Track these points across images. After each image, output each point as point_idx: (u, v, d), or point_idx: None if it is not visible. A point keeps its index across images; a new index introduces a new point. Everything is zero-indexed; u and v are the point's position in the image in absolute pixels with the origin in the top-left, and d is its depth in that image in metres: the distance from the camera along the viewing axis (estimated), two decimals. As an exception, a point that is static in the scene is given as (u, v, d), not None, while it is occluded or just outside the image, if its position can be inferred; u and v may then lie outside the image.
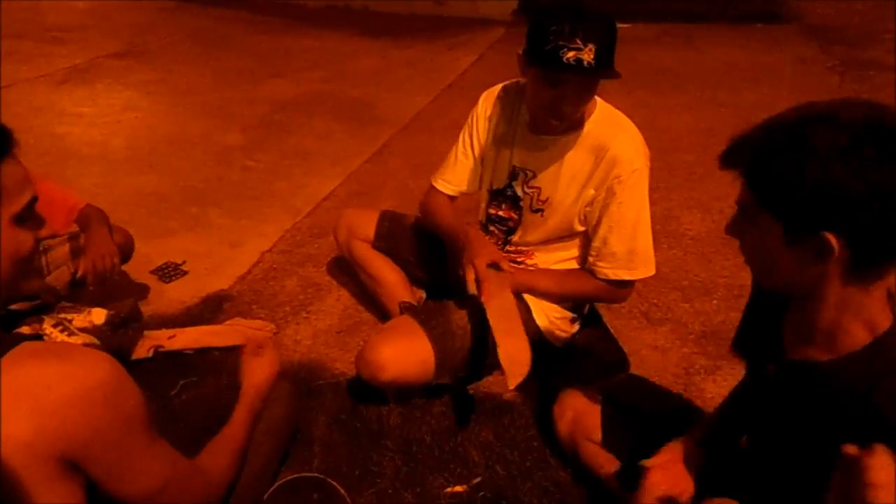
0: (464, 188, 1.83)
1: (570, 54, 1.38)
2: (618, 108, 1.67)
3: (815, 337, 0.95)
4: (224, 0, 6.93)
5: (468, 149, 1.78)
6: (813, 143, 0.82)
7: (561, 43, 1.38)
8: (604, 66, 1.41)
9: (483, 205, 1.85)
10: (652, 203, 2.56)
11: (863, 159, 0.79)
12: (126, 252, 2.03)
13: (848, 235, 0.83)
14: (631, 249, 1.62)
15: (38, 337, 0.91)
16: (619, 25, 1.49)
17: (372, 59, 5.22)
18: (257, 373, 1.35)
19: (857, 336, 0.90)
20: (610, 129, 1.60)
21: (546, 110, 1.53)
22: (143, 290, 2.29)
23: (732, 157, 0.91)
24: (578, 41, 1.37)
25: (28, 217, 0.86)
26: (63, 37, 5.61)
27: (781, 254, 0.90)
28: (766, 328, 1.09)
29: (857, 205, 0.80)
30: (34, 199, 0.87)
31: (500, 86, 1.76)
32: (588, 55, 1.38)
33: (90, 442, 0.81)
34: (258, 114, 4.02)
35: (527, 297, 1.74)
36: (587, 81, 1.47)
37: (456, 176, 1.81)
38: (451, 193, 1.84)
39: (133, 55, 5.25)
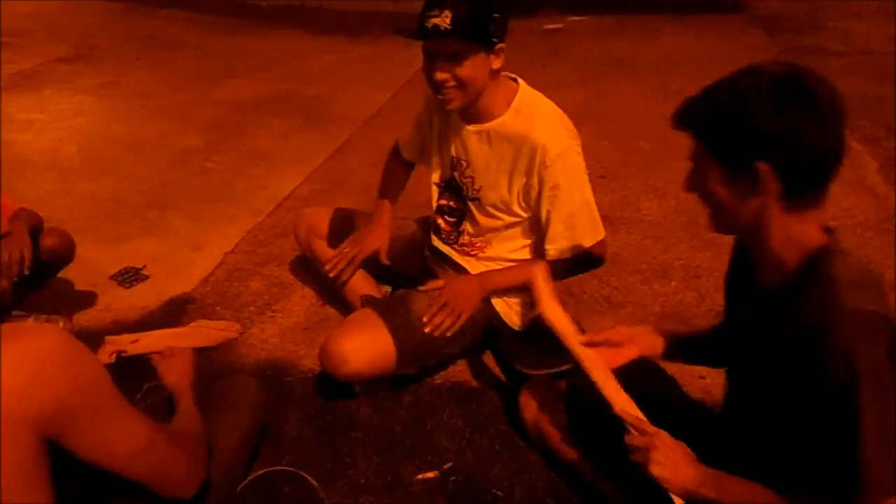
0: (413, 157, 1.99)
1: (430, 22, 1.48)
2: (575, 98, 1.71)
3: (768, 269, 1.07)
4: (173, 1, 6.80)
5: (419, 124, 1.91)
6: (742, 88, 0.99)
7: (425, 14, 1.50)
8: (462, 31, 1.48)
9: (434, 197, 1.89)
10: (610, 190, 2.62)
11: (782, 100, 0.96)
12: (63, 254, 2.00)
13: (776, 165, 0.97)
14: (571, 226, 1.66)
15: None
16: (574, 18, 1.54)
17: (329, 57, 5.19)
18: (173, 372, 1.40)
19: (798, 259, 1.03)
20: (528, 117, 1.63)
21: (431, 86, 1.60)
22: (96, 297, 2.26)
23: (681, 116, 1.06)
24: (436, 9, 1.48)
25: None
26: (7, 42, 5.43)
27: (726, 193, 1.03)
28: (739, 275, 1.21)
29: (780, 138, 0.96)
30: None
31: None
32: (444, 21, 1.47)
33: (58, 414, 0.81)
34: (215, 115, 3.97)
35: None
36: (451, 48, 1.51)
37: (409, 138, 1.97)
38: (406, 157, 2.00)
39: (81, 59, 5.12)
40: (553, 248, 1.69)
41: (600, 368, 1.33)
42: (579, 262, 1.74)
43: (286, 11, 6.63)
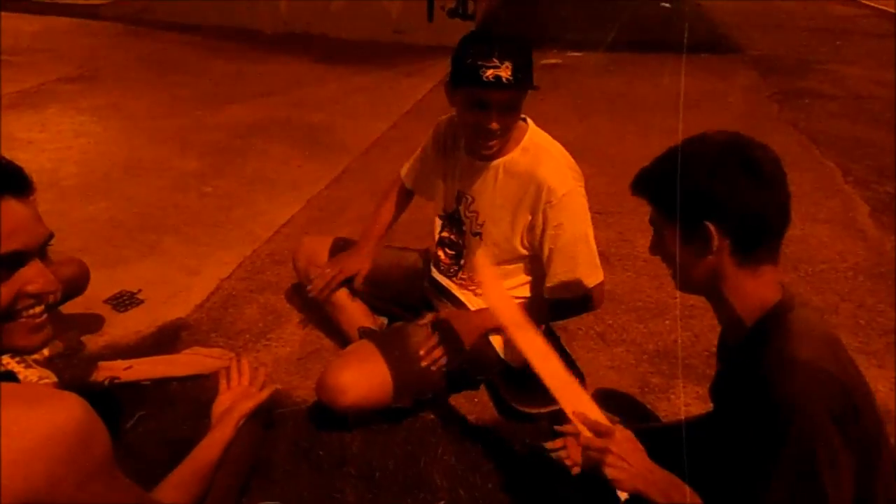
0: (414, 187, 2.03)
1: (490, 72, 1.49)
2: (572, 133, 1.75)
3: (730, 327, 1.14)
4: (177, 25, 6.88)
5: (423, 156, 1.95)
6: (688, 155, 1.09)
7: (480, 63, 1.49)
8: (522, 81, 1.53)
9: (437, 229, 1.91)
10: (606, 226, 2.64)
11: (725, 166, 1.06)
12: (78, 285, 1.99)
13: (722, 225, 1.06)
14: (572, 267, 1.68)
15: (10, 376, 0.91)
16: (573, 54, 1.58)
17: (331, 85, 5.25)
18: (233, 406, 1.36)
19: (755, 315, 1.09)
20: (535, 156, 1.67)
21: (475, 132, 1.61)
22: (92, 322, 2.23)
23: (636, 184, 1.17)
24: (496, 60, 1.49)
25: None
26: (10, 60, 5.47)
27: (683, 253, 1.12)
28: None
29: (723, 201, 1.06)
30: None
31: (448, 115, 1.84)
32: (506, 72, 1.49)
33: (55, 489, 0.78)
34: (215, 140, 3.99)
35: None
36: (509, 97, 1.55)
37: (411, 168, 2.02)
38: (409, 186, 2.04)
39: (84, 80, 5.16)
40: (552, 287, 1.70)
41: (548, 361, 1.30)
42: (575, 304, 1.75)
43: (289, 39, 6.72)
